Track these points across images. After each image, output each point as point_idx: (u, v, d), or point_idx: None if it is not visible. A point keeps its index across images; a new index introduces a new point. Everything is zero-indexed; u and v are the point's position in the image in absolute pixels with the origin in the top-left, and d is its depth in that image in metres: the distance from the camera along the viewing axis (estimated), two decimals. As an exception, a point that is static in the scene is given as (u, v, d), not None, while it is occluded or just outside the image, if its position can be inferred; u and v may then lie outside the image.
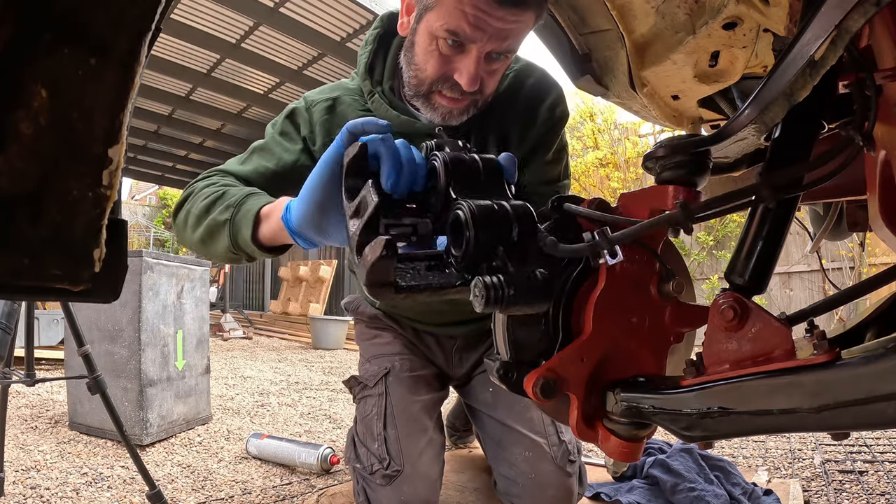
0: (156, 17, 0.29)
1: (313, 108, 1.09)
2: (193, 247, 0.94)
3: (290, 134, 1.09)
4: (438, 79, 0.94)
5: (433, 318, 1.34)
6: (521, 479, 1.16)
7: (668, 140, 0.53)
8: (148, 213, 18.94)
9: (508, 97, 1.11)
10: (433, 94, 0.97)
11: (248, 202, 0.83)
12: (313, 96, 1.12)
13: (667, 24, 0.82)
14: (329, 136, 1.06)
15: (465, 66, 0.90)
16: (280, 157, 1.06)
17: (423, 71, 0.95)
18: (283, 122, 1.10)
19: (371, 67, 1.09)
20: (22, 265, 0.27)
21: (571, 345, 0.55)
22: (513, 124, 1.11)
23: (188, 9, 5.29)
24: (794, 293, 5.90)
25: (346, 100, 1.10)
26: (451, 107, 0.97)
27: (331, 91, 1.12)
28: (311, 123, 1.08)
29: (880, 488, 1.71)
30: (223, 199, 0.87)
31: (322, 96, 1.11)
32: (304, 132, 1.08)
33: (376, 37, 1.10)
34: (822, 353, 0.42)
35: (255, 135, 8.77)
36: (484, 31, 0.86)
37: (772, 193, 0.49)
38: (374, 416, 1.20)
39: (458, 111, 0.98)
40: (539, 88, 1.14)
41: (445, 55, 0.91)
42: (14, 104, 0.25)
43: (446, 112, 0.98)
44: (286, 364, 4.73)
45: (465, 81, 0.90)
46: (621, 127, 7.54)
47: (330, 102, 1.09)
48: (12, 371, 1.52)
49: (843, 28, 0.41)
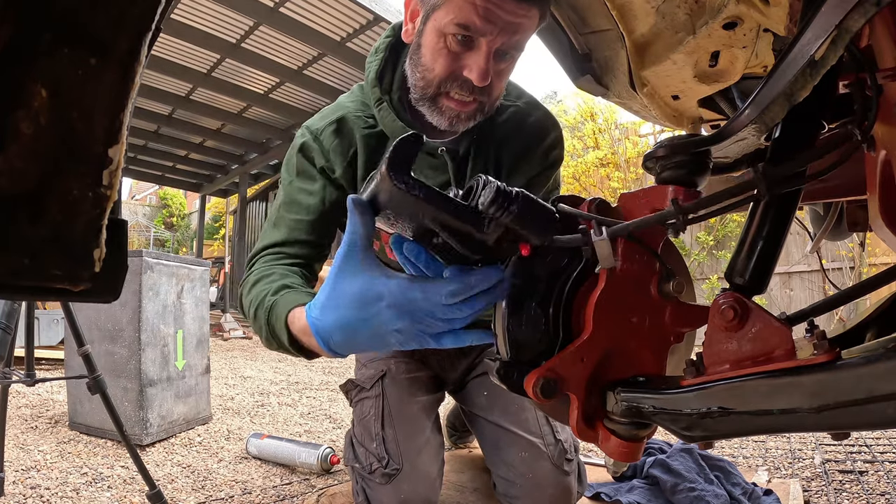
0: (156, 17, 0.29)
1: (321, 136, 1.07)
2: None
3: (307, 172, 1.07)
4: (447, 77, 0.92)
5: None
6: (519, 480, 1.16)
7: (668, 140, 0.53)
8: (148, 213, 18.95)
9: (508, 130, 1.10)
10: (440, 97, 0.95)
11: (278, 334, 0.81)
12: (316, 124, 1.09)
13: (667, 23, 0.82)
14: (345, 161, 1.05)
15: (475, 61, 0.89)
16: (308, 205, 1.04)
17: (431, 70, 0.93)
18: (298, 160, 1.08)
19: (381, 76, 1.07)
20: (22, 265, 0.27)
21: (572, 345, 0.55)
22: (509, 157, 1.11)
23: (188, 9, 5.29)
24: (795, 293, 5.90)
25: (349, 118, 1.08)
26: (459, 110, 0.95)
27: (333, 112, 1.10)
28: (324, 152, 1.06)
29: (880, 488, 1.71)
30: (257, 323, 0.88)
31: (325, 122, 1.08)
32: (319, 164, 1.06)
33: (388, 45, 1.08)
34: (823, 353, 0.42)
35: (255, 135, 8.78)
36: (494, 24, 0.85)
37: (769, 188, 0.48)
38: (371, 417, 1.21)
39: (465, 115, 0.97)
40: (539, 128, 1.13)
41: (454, 52, 0.90)
42: (14, 104, 0.25)
43: (454, 116, 0.96)
44: (286, 364, 4.73)
45: (476, 76, 0.89)
46: (622, 127, 7.54)
47: (335, 125, 1.07)
48: (12, 371, 1.52)
49: (844, 28, 0.41)
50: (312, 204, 1.05)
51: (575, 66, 0.99)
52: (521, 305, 0.56)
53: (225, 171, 10.77)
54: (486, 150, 1.09)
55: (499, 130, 1.09)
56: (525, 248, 0.55)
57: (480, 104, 0.97)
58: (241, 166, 10.26)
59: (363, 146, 1.06)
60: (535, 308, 0.56)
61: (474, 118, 0.98)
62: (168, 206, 18.54)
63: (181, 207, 18.47)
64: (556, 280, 0.57)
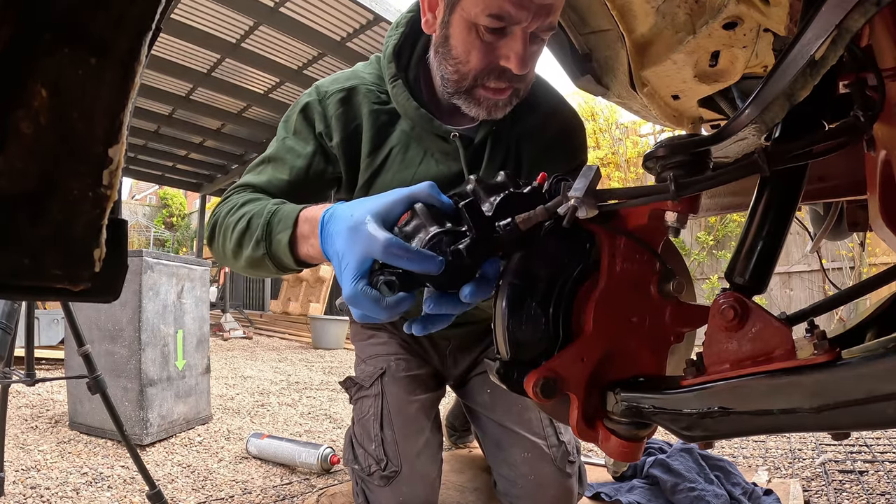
0: (156, 17, 0.29)
1: (327, 100, 1.04)
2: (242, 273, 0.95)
3: (302, 133, 1.05)
4: (484, 69, 0.90)
5: None
6: (520, 481, 1.15)
7: (668, 140, 0.53)
8: (148, 213, 18.94)
9: (532, 124, 1.08)
10: (476, 89, 0.93)
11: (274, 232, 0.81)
12: (327, 86, 1.06)
13: (667, 23, 0.82)
14: (345, 133, 1.03)
15: (512, 50, 0.86)
16: (293, 166, 1.02)
17: (466, 64, 0.90)
18: (297, 118, 1.06)
19: (398, 52, 1.03)
20: (22, 265, 0.27)
21: (572, 344, 0.55)
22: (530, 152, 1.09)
23: (188, 9, 5.29)
24: (794, 293, 5.90)
25: (361, 89, 1.05)
26: (497, 98, 0.93)
27: (346, 80, 1.06)
28: (325, 118, 1.03)
29: (880, 488, 1.71)
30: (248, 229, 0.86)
31: (336, 86, 1.05)
32: (318, 128, 1.04)
33: (409, 20, 1.05)
34: (823, 353, 0.42)
35: (255, 135, 8.77)
36: (528, 10, 0.82)
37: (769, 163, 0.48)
38: (370, 417, 1.20)
39: (503, 102, 0.95)
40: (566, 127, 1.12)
41: (488, 43, 0.87)
42: (14, 104, 0.25)
43: (492, 105, 0.94)
44: (286, 364, 4.73)
45: (516, 64, 0.86)
46: (622, 126, 7.54)
47: (344, 93, 1.04)
48: (12, 371, 1.52)
49: (844, 28, 0.41)
50: (297, 166, 1.03)
51: (575, 66, 0.99)
52: (521, 305, 0.56)
53: (225, 171, 10.76)
54: (507, 141, 1.07)
55: (521, 123, 1.06)
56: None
57: (515, 90, 0.95)
58: (240, 166, 10.25)
59: (371, 121, 1.04)
60: (535, 308, 0.56)
61: (510, 104, 0.96)
62: (168, 205, 18.53)
63: (181, 207, 18.46)
64: (557, 280, 0.57)
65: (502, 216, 0.56)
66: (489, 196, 0.58)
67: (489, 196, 0.58)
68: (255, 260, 0.85)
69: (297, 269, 0.82)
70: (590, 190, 0.50)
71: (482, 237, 0.55)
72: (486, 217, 0.56)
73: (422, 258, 0.54)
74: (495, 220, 0.56)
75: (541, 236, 0.56)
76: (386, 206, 0.60)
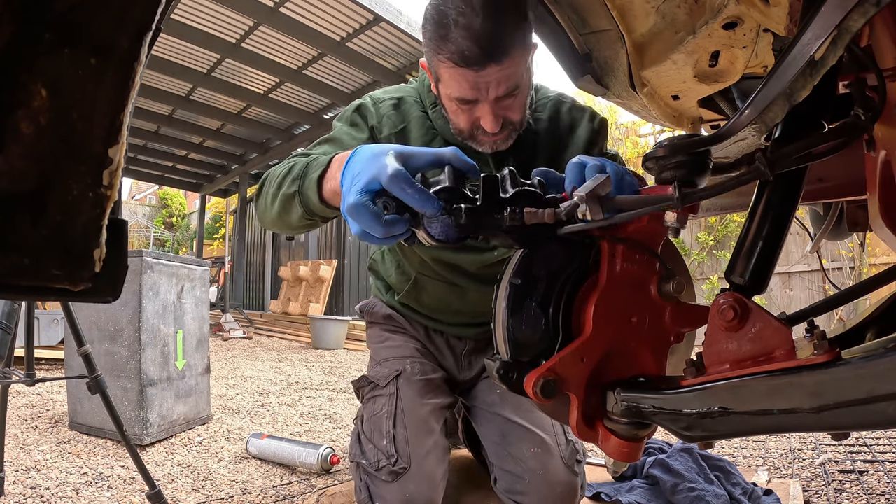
0: (156, 17, 0.29)
1: (380, 103, 1.19)
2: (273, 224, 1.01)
3: (359, 125, 1.18)
4: (469, 128, 1.06)
5: (447, 316, 1.36)
6: (528, 476, 1.16)
7: (668, 140, 0.53)
8: (148, 213, 18.94)
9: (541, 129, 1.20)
10: (476, 134, 1.08)
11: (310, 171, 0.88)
12: (378, 95, 1.23)
13: (667, 23, 0.82)
14: (394, 129, 1.17)
15: (483, 116, 1.01)
16: (349, 146, 1.11)
17: (457, 125, 1.08)
18: (352, 114, 1.20)
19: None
20: (22, 265, 0.27)
21: (572, 345, 0.55)
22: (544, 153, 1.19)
23: (188, 9, 5.29)
24: (794, 293, 5.90)
25: (408, 100, 1.20)
26: (494, 139, 1.07)
27: (395, 92, 1.23)
28: (378, 115, 1.18)
29: (880, 488, 1.71)
30: (290, 172, 0.94)
31: (387, 96, 1.22)
32: (371, 122, 1.18)
33: None
34: (823, 353, 0.42)
35: (255, 135, 8.78)
36: (484, 90, 0.96)
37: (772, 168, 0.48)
38: (383, 415, 1.22)
39: (501, 140, 1.08)
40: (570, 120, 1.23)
41: (466, 109, 1.03)
42: (14, 104, 0.25)
43: (492, 144, 1.08)
44: (286, 364, 4.73)
45: (489, 127, 1.02)
46: (622, 126, 7.54)
47: (395, 101, 1.20)
48: (12, 371, 1.52)
49: (844, 28, 0.41)
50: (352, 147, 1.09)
51: (575, 66, 0.99)
52: (522, 305, 0.56)
53: (225, 171, 10.77)
54: (525, 152, 1.18)
55: (533, 133, 1.19)
56: None
57: (511, 129, 1.07)
58: (241, 166, 10.26)
59: (418, 124, 1.19)
60: (535, 308, 0.56)
61: (511, 138, 1.09)
62: (168, 206, 18.54)
63: (181, 207, 18.47)
64: (557, 280, 0.57)
65: (515, 206, 0.58)
66: (514, 187, 0.60)
67: (514, 187, 0.60)
68: (286, 198, 0.91)
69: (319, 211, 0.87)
70: (593, 193, 0.52)
71: (485, 210, 0.58)
72: (499, 197, 0.59)
73: (423, 197, 0.59)
74: (505, 205, 0.58)
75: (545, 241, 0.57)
76: (412, 152, 0.66)
